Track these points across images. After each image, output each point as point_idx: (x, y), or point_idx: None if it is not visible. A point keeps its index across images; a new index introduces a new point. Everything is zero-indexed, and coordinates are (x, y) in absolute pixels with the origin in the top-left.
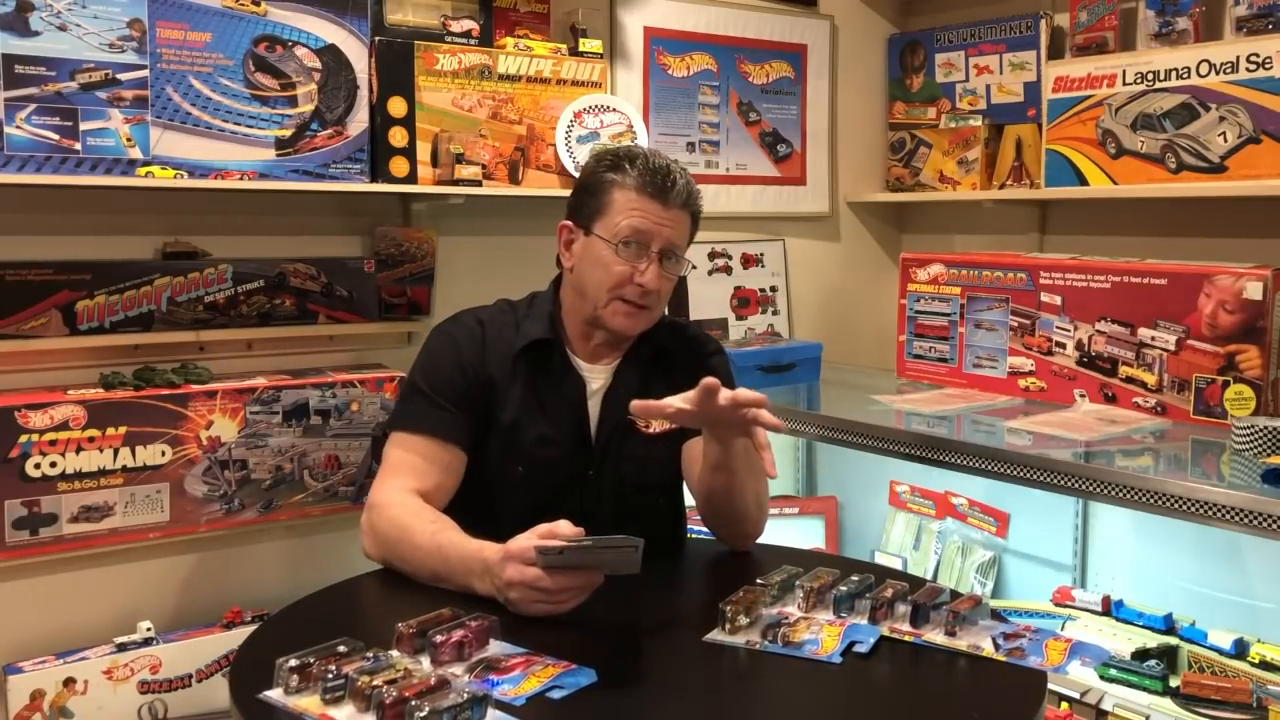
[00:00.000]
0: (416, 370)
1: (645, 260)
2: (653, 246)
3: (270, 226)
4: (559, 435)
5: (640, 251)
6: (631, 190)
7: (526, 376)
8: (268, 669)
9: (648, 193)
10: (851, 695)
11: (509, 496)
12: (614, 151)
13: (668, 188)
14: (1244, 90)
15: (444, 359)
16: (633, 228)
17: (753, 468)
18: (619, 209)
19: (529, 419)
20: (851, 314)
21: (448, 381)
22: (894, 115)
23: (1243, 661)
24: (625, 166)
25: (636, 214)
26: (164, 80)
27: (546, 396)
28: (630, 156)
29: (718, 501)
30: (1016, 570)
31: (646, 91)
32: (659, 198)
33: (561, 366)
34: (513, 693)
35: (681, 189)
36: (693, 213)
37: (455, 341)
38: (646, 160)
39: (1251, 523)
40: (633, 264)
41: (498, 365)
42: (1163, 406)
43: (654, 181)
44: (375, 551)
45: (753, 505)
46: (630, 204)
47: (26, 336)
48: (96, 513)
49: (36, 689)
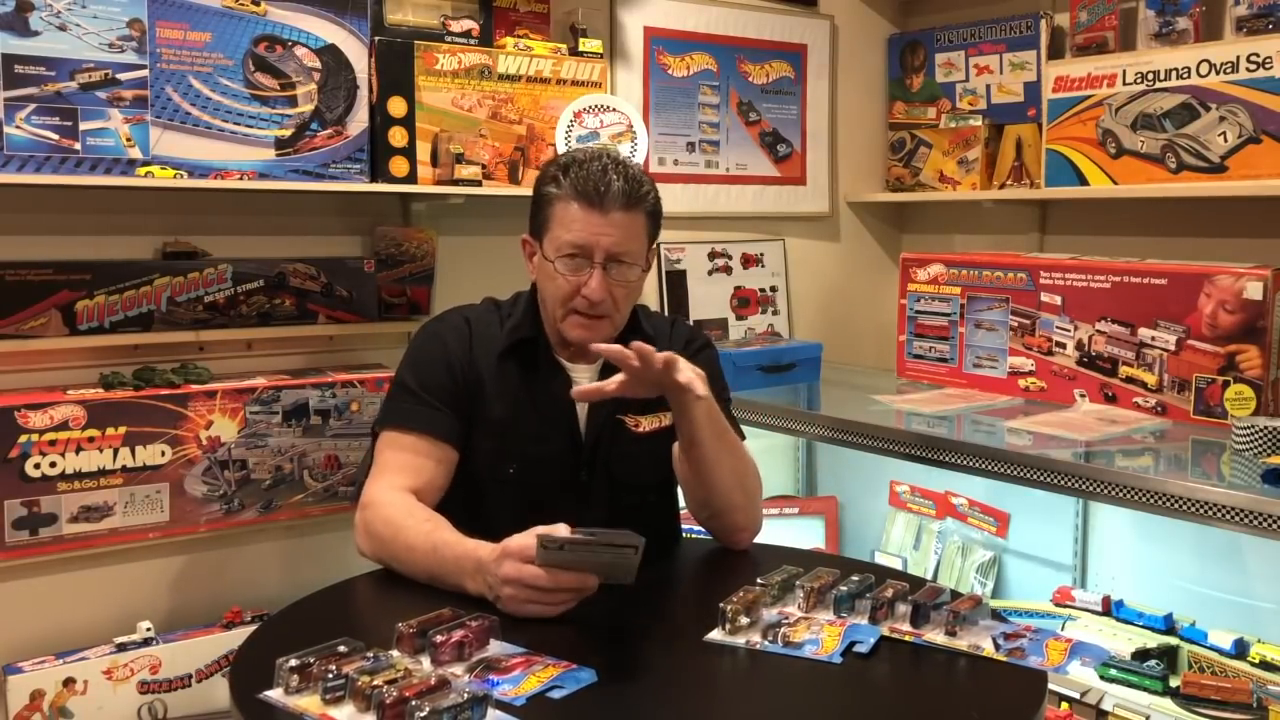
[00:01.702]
0: (405, 368)
1: (588, 272)
2: (595, 257)
3: (270, 226)
4: (549, 433)
5: (583, 264)
6: (568, 202)
7: (514, 375)
8: (268, 669)
9: (583, 203)
10: (852, 695)
11: (501, 495)
12: (555, 161)
13: (603, 194)
14: (1244, 90)
15: (432, 357)
16: (571, 242)
17: (725, 441)
18: (559, 222)
19: (519, 417)
20: (851, 314)
21: (436, 379)
22: (894, 115)
23: (1243, 661)
24: (560, 178)
25: (575, 226)
26: (164, 80)
27: (535, 395)
28: (566, 165)
29: (699, 487)
30: (1016, 570)
31: (646, 91)
32: (596, 206)
33: (548, 365)
34: (513, 693)
35: (619, 192)
36: (645, 211)
37: (442, 340)
38: (582, 167)
39: (1251, 523)
40: (578, 276)
41: (485, 364)
42: (1163, 406)
43: (587, 191)
44: (369, 550)
45: (736, 489)
46: (568, 216)
47: (26, 336)
48: (96, 513)
49: (36, 689)
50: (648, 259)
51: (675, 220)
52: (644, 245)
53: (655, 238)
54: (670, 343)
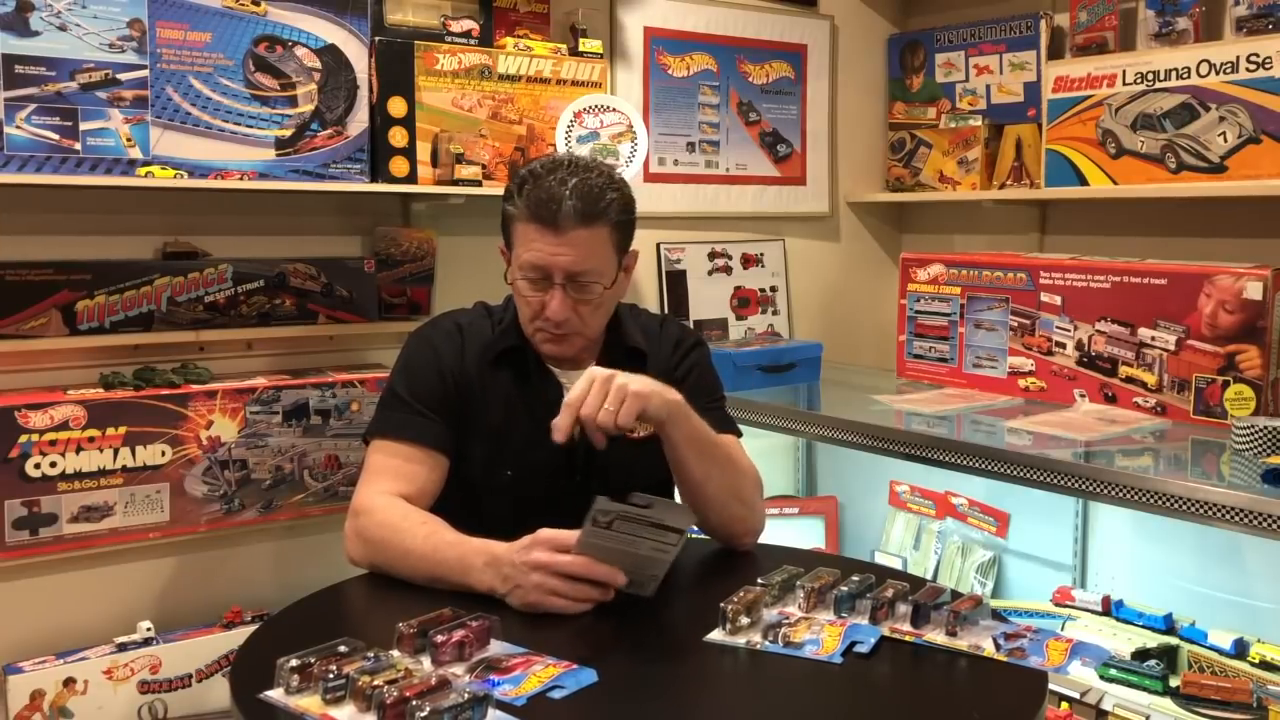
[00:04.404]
0: (396, 375)
1: (550, 292)
2: (554, 277)
3: (270, 226)
4: (543, 439)
5: (544, 285)
6: (525, 221)
7: (506, 381)
8: (268, 669)
9: (537, 223)
10: (852, 695)
11: (498, 500)
12: (517, 174)
13: (555, 213)
14: (1244, 90)
15: (423, 363)
16: (529, 263)
17: (716, 459)
18: (519, 241)
19: (512, 423)
20: (851, 314)
21: (427, 386)
22: (894, 115)
23: (1243, 661)
24: (516, 196)
25: (533, 246)
26: (164, 80)
27: (527, 401)
28: (523, 181)
29: (695, 501)
30: (1016, 570)
31: (646, 91)
32: (550, 226)
33: (538, 372)
34: (513, 693)
35: (571, 210)
36: (610, 223)
37: (433, 346)
38: (538, 183)
39: (1251, 523)
40: (540, 295)
41: (477, 370)
42: (1163, 406)
43: (540, 212)
44: (362, 557)
45: (732, 501)
46: (527, 236)
47: (26, 336)
48: (96, 513)
49: (36, 689)
50: (620, 267)
51: (675, 220)
52: (608, 259)
53: (626, 245)
54: (660, 343)
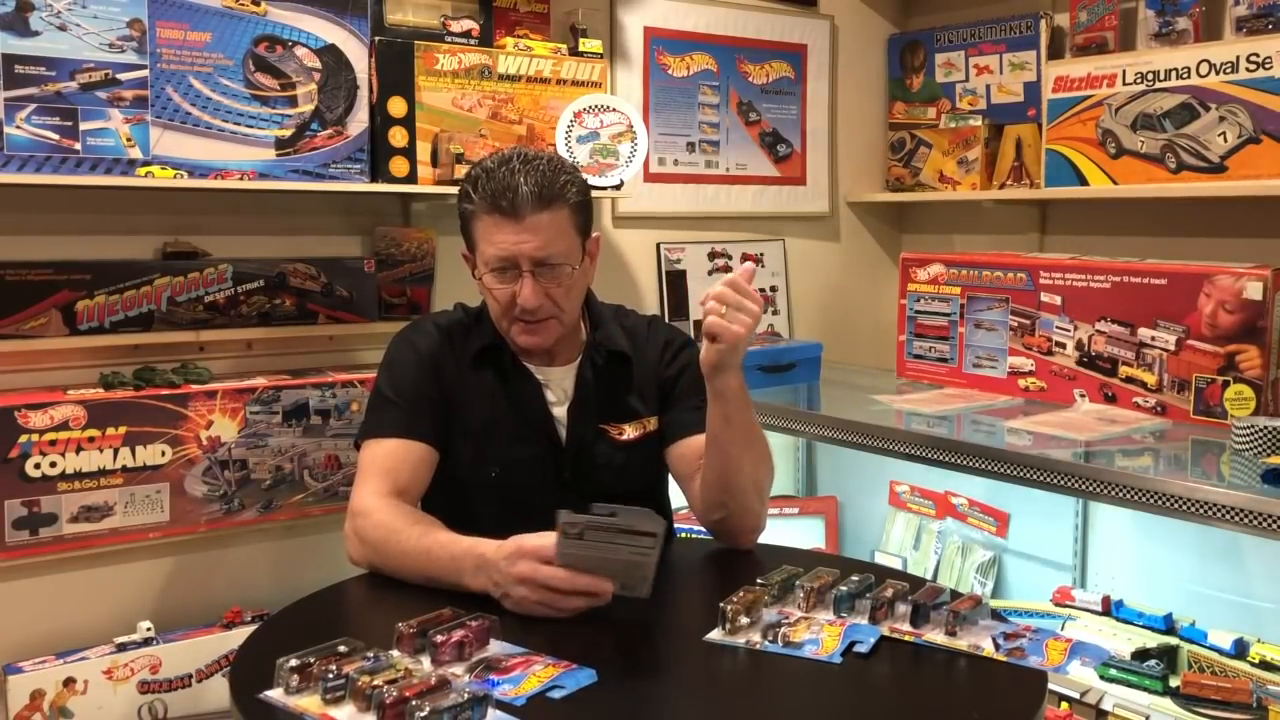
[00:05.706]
0: (380, 377)
1: (520, 281)
2: (522, 266)
3: (270, 226)
4: (527, 436)
5: (513, 274)
6: (484, 216)
7: (489, 379)
8: (268, 669)
9: (497, 214)
10: (852, 695)
11: (486, 498)
12: (469, 174)
13: (513, 200)
14: (1244, 90)
15: (404, 360)
16: (495, 256)
17: (754, 448)
18: (481, 237)
19: (496, 421)
20: (851, 314)
21: (409, 380)
22: (894, 115)
23: (1243, 661)
24: (471, 192)
25: (495, 239)
26: (164, 80)
27: (510, 399)
28: (477, 178)
29: (715, 488)
30: (1016, 570)
31: (646, 91)
32: (509, 216)
33: (515, 371)
34: (513, 693)
35: (528, 195)
36: (569, 204)
37: (415, 347)
38: (490, 177)
39: (1251, 523)
40: (510, 287)
41: (459, 369)
42: (1163, 406)
43: (498, 203)
44: (361, 557)
45: (753, 494)
46: (487, 231)
47: (26, 336)
48: (96, 513)
49: (36, 689)
50: (584, 250)
51: (675, 220)
52: (572, 241)
53: (588, 227)
54: (648, 343)
